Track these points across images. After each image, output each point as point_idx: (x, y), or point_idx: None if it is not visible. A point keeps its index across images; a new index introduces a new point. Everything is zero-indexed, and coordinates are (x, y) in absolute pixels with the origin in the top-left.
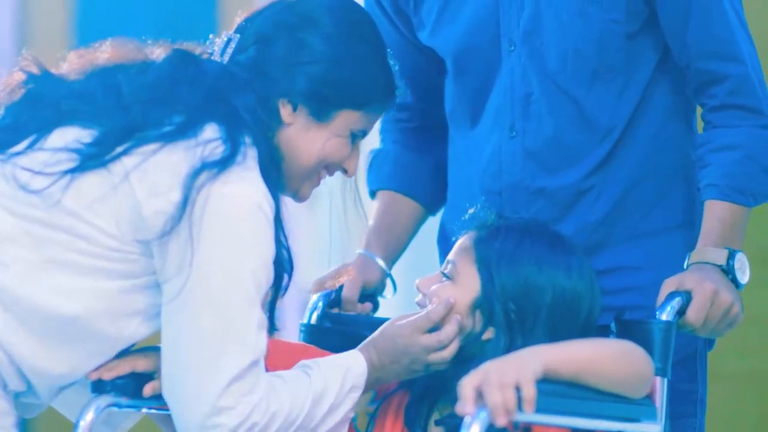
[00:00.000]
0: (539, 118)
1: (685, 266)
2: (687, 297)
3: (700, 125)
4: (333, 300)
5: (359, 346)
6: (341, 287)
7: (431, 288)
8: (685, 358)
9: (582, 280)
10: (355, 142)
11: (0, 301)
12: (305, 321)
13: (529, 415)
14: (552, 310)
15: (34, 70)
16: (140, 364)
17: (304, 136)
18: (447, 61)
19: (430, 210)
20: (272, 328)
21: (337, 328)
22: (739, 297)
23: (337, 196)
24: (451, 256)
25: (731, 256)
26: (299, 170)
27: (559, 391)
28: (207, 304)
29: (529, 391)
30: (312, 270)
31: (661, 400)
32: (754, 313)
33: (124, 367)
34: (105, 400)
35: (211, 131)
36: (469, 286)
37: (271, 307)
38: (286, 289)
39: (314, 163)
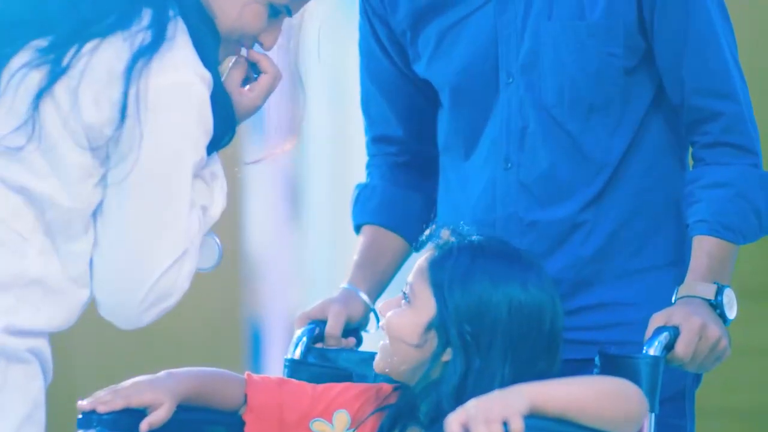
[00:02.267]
0: (534, 151)
1: (673, 300)
2: (675, 332)
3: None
4: (317, 335)
5: None
6: (325, 321)
7: (387, 313)
8: (674, 394)
9: (541, 292)
10: (275, 16)
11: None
12: (289, 356)
13: None
14: (509, 327)
15: None
16: (134, 400)
17: None
18: (443, 92)
19: (416, 246)
20: None
21: (322, 363)
22: (727, 331)
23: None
24: (409, 278)
25: (720, 291)
26: None
27: (546, 427)
28: (148, 191)
29: (517, 425)
30: (298, 299)
31: None
32: (741, 348)
33: (119, 403)
34: None
35: (143, 18)
36: (425, 308)
37: None
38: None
39: (228, 28)
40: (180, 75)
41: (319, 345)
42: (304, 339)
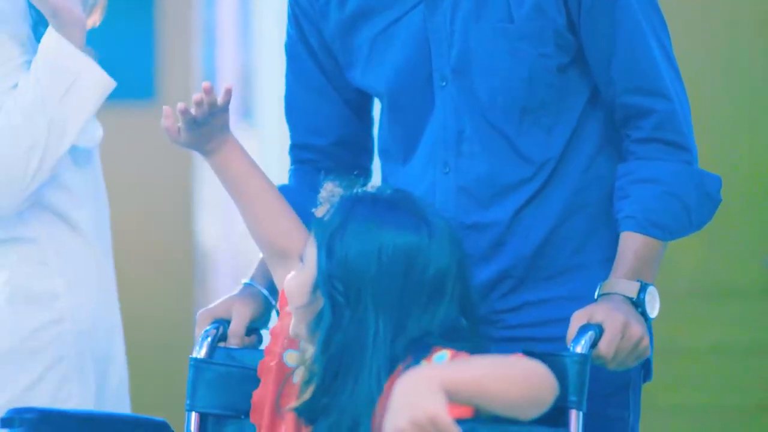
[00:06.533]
0: (472, 154)
1: (596, 296)
2: (600, 330)
3: None
4: (222, 334)
5: None
6: (228, 320)
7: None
8: (619, 386)
9: (416, 234)
10: None
11: None
12: (194, 355)
13: None
14: (379, 276)
15: None
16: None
17: None
18: (381, 98)
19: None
20: None
21: (229, 363)
22: (648, 330)
23: None
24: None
25: (643, 289)
26: None
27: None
28: None
29: (445, 421)
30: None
31: None
32: (691, 347)
33: None
34: None
35: None
36: (312, 267)
37: None
38: None
39: None
40: None
41: (222, 344)
42: (209, 338)
